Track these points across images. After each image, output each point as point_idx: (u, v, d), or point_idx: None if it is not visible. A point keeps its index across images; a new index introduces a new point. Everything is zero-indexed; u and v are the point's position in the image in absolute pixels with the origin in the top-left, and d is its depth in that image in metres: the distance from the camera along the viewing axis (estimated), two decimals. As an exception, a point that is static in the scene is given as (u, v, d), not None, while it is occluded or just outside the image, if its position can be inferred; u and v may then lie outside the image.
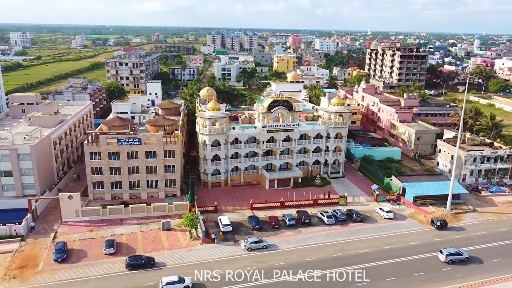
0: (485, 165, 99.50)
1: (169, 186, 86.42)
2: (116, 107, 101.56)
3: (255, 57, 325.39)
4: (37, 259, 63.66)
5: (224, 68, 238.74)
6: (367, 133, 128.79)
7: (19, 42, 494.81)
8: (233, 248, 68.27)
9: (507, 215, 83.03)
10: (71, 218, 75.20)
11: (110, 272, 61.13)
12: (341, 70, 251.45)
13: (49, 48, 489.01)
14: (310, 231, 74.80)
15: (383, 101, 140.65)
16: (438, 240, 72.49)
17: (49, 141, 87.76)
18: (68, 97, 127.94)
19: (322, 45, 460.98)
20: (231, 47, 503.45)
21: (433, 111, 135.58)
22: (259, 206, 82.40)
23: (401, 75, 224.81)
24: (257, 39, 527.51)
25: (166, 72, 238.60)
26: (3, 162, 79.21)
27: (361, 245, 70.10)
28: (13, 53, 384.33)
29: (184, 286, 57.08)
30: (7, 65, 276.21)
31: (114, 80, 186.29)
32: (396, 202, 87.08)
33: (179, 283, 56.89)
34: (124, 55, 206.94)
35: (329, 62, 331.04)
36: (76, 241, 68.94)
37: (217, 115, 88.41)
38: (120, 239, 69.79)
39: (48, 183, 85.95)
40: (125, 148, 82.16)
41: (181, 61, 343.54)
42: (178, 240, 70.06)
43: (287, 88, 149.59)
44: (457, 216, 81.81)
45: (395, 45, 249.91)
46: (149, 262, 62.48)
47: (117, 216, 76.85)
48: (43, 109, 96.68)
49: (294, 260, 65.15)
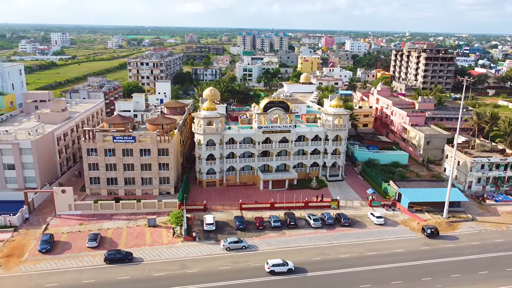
0: (494, 172, 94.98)
1: (163, 184, 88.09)
2: (120, 105, 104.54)
3: (281, 58, 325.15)
4: (24, 249, 66.72)
5: (246, 69, 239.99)
6: (376, 136, 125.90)
7: (59, 42, 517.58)
8: (213, 247, 68.78)
9: (508, 225, 79.00)
10: (65, 211, 78.18)
11: (89, 264, 63.14)
12: (365, 72, 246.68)
13: (86, 48, 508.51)
14: (294, 233, 74.18)
15: (396, 104, 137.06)
16: (425, 248, 70.06)
17: (53, 137, 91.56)
18: (83, 95, 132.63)
19: (352, 46, 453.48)
20: (261, 48, 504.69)
21: (448, 115, 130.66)
22: (249, 207, 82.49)
23: (426, 78, 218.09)
24: (288, 40, 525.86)
25: (189, 72, 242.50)
26: (6, 156, 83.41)
27: (343, 250, 68.81)
28: (51, 53, 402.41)
29: (288, 269, 61.11)
30: (42, 64, 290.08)
31: (135, 80, 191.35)
32: (391, 208, 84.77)
33: (283, 265, 60.85)
34: (146, 55, 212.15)
35: (357, 64, 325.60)
36: (64, 234, 71.64)
37: (212, 115, 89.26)
38: (106, 234, 71.91)
39: (50, 177, 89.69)
40: (120, 145, 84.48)
41: (208, 62, 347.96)
42: (160, 237, 71.38)
43: (299, 89, 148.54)
44: (453, 224, 78.66)
45: (422, 46, 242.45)
46: (126, 257, 64.02)
47: (108, 211, 79.19)
48: (51, 106, 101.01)
49: (271, 262, 64.81)
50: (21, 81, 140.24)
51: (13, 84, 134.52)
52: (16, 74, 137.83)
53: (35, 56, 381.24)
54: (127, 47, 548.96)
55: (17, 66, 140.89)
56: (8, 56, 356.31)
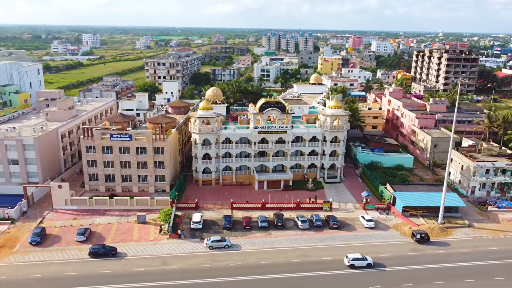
0: (499, 177, 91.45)
1: (159, 182, 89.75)
2: (123, 104, 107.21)
3: (302, 59, 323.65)
4: (16, 241, 69.68)
5: (263, 69, 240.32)
6: (383, 139, 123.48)
7: (90, 43, 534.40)
8: (196, 245, 69.62)
9: (507, 233, 75.92)
10: (61, 206, 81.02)
11: (74, 258, 65.28)
12: (385, 73, 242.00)
13: (115, 48, 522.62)
14: (281, 234, 74.01)
15: (406, 106, 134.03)
16: (412, 254, 68.36)
17: (57, 134, 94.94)
18: (96, 94, 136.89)
19: (379, 47, 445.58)
20: (285, 49, 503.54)
21: (460, 118, 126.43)
22: (240, 207, 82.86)
23: (447, 79, 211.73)
24: (313, 40, 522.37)
25: (207, 73, 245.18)
26: (11, 151, 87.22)
27: (326, 253, 68.11)
28: (80, 53, 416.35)
29: (367, 263, 63.06)
30: (69, 64, 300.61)
31: (152, 79, 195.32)
32: (385, 211, 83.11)
33: (363, 260, 63.10)
34: (163, 56, 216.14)
35: (380, 65, 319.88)
36: (57, 227, 74.30)
37: (207, 114, 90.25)
38: (96, 229, 74.06)
39: (54, 173, 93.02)
40: (117, 143, 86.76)
41: (230, 62, 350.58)
42: (148, 234, 72.86)
43: (309, 90, 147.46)
44: (447, 230, 76.33)
45: (444, 47, 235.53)
46: (110, 252, 65.76)
47: (102, 207, 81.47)
48: (58, 104, 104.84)
49: (250, 262, 65.08)
50: (39, 80, 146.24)
51: (31, 83, 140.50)
52: (34, 74, 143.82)
53: (65, 56, 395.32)
54: (155, 48, 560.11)
55: (36, 66, 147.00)
56: (40, 56, 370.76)
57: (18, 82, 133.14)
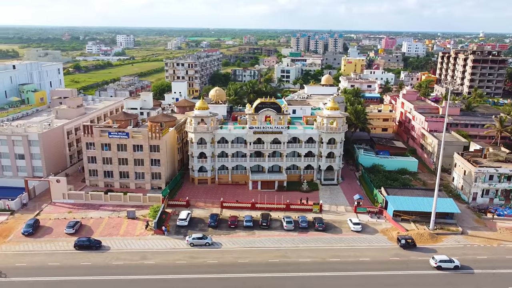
0: (503, 184, 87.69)
1: (155, 179, 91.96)
2: (127, 103, 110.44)
3: (327, 60, 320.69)
4: (11, 231, 73.48)
5: (284, 70, 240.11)
6: (390, 141, 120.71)
7: (123, 43, 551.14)
8: (179, 242, 70.99)
9: (501, 242, 72.75)
10: (59, 199, 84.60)
11: (60, 249, 68.15)
12: (408, 75, 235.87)
13: (148, 49, 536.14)
14: (264, 234, 74.22)
15: (417, 108, 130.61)
16: (394, 259, 66.84)
17: (62, 131, 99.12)
18: (111, 93, 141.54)
19: (409, 48, 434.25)
20: (314, 50, 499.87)
21: (474, 121, 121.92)
22: (230, 206, 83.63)
23: (473, 82, 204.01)
24: (343, 41, 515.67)
25: (228, 73, 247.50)
26: (18, 146, 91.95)
27: (306, 254, 67.75)
28: (112, 54, 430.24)
29: (454, 266, 63.96)
30: (98, 64, 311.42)
31: (171, 80, 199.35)
32: (376, 215, 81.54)
33: (450, 262, 64.16)
34: (182, 57, 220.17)
35: (408, 66, 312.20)
36: (51, 220, 77.71)
37: (203, 114, 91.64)
38: (87, 222, 76.92)
39: (58, 168, 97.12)
40: (115, 140, 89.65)
41: (256, 63, 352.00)
42: (134, 229, 74.95)
43: (319, 91, 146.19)
44: (437, 237, 74.04)
45: (472, 47, 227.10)
46: (94, 245, 68.19)
47: (97, 201, 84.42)
48: (67, 103, 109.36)
49: (227, 260, 65.72)
50: (59, 79, 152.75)
51: (51, 82, 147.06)
52: (55, 73, 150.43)
53: (98, 56, 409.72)
54: (186, 49, 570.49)
55: (56, 65, 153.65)
56: (74, 56, 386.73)
57: (38, 81, 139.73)
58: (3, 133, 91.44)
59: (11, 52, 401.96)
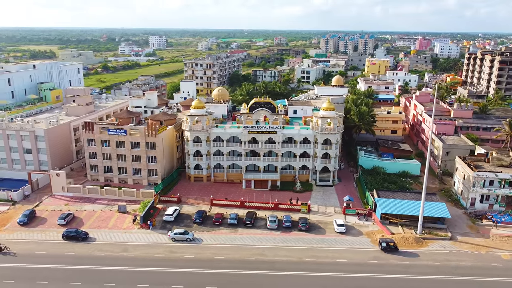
0: (504, 190, 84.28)
1: (152, 175, 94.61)
2: (132, 102, 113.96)
3: (352, 61, 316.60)
4: (9, 220, 77.92)
5: (304, 71, 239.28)
6: (397, 144, 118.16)
7: (156, 44, 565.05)
8: (161, 236, 72.94)
9: (490, 249, 70.08)
10: (59, 192, 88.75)
11: (49, 239, 71.65)
12: (433, 76, 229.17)
13: (178, 50, 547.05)
14: (247, 232, 74.96)
15: (428, 110, 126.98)
16: (372, 262, 65.89)
17: (69, 127, 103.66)
18: (125, 92, 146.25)
19: (442, 49, 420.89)
20: (344, 51, 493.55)
21: (486, 125, 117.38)
22: (219, 203, 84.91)
23: (500, 84, 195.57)
24: (375, 42, 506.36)
25: (249, 74, 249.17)
26: (25, 141, 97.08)
27: (283, 253, 67.97)
28: (143, 54, 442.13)
29: None
30: (126, 64, 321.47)
31: (190, 79, 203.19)
32: (365, 217, 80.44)
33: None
34: (201, 57, 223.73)
35: (436, 68, 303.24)
36: (48, 211, 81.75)
37: (198, 113, 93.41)
38: (80, 215, 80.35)
39: (64, 162, 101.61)
40: (114, 137, 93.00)
41: (281, 64, 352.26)
42: (122, 222, 77.62)
43: (329, 92, 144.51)
44: (423, 241, 72.24)
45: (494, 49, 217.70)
46: (81, 236, 71.23)
47: (94, 195, 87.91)
48: (77, 100, 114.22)
49: (204, 256, 66.98)
50: (79, 78, 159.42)
51: (70, 81, 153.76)
52: (74, 73, 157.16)
53: (129, 57, 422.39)
54: (216, 49, 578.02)
55: (76, 65, 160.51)
56: (106, 57, 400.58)
57: (58, 80, 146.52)
58: (12, 128, 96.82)
59: (49, 53, 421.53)
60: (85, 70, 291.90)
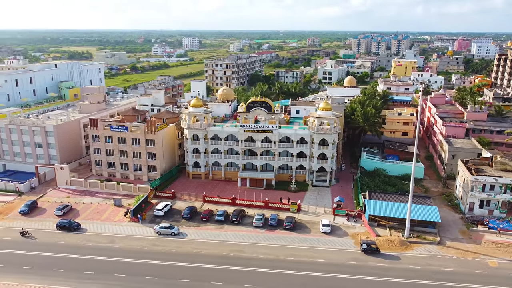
0: (504, 195, 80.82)
1: (152, 172, 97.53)
2: (140, 100, 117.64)
3: (380, 62, 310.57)
4: (12, 210, 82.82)
5: (326, 72, 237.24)
6: (404, 146, 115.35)
7: (189, 45, 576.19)
8: (148, 230, 75.28)
9: (479, 256, 67.57)
10: (63, 185, 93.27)
11: (44, 228, 75.65)
12: (460, 78, 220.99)
13: (210, 51, 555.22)
14: (232, 229, 75.99)
15: (440, 112, 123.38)
16: (350, 263, 65.23)
17: (79, 124, 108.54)
18: (141, 91, 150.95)
19: (479, 49, 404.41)
20: (376, 52, 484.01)
21: (500, 128, 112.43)
22: (211, 200, 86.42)
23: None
24: (408, 43, 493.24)
25: (271, 74, 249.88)
26: (37, 136, 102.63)
27: (262, 251, 68.54)
28: (175, 55, 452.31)
29: None
30: (155, 65, 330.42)
31: (211, 79, 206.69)
32: (354, 219, 79.51)
33: None
34: (221, 58, 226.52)
35: (468, 69, 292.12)
36: (49, 202, 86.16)
37: (196, 111, 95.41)
38: (77, 207, 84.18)
39: (73, 157, 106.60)
40: (116, 133, 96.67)
41: (308, 64, 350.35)
42: (115, 215, 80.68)
43: (341, 92, 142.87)
44: (408, 244, 70.67)
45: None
46: (72, 226, 74.77)
47: (95, 189, 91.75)
48: (90, 99, 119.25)
49: (184, 250, 68.66)
50: (100, 77, 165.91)
51: (91, 80, 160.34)
52: (96, 72, 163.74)
53: (161, 58, 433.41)
54: (247, 50, 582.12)
55: (97, 65, 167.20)
56: (138, 58, 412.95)
57: (78, 79, 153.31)
58: (25, 124, 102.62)
59: (86, 54, 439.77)
60: (114, 70, 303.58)
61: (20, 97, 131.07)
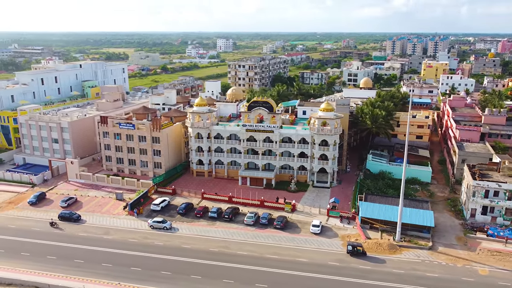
0: (508, 202, 77.43)
1: (157, 168, 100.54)
2: (152, 99, 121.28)
3: (411, 64, 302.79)
4: (23, 200, 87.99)
5: (351, 73, 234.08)
6: (415, 149, 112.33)
7: (222, 47, 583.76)
8: (143, 223, 77.87)
9: (470, 263, 65.28)
10: (73, 178, 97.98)
11: (48, 218, 79.76)
12: (492, 81, 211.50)
13: (243, 53, 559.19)
14: (223, 226, 77.28)
15: (456, 116, 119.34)
16: (333, 264, 64.90)
17: (93, 121, 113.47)
18: (161, 91, 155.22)
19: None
20: (411, 53, 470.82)
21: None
22: (209, 197, 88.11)
23: None
24: (446, 44, 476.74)
25: (296, 76, 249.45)
26: (53, 132, 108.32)
27: (247, 248, 69.39)
28: (207, 57, 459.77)
29: None
30: (184, 66, 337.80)
31: (233, 80, 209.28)
32: (347, 220, 78.72)
33: None
34: (244, 59, 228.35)
35: (506, 72, 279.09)
36: (57, 194, 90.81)
37: (200, 110, 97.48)
38: (82, 199, 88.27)
39: (87, 153, 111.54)
40: (124, 131, 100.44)
41: (338, 66, 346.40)
42: (115, 208, 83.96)
43: (357, 94, 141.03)
44: (398, 248, 69.28)
45: None
46: (73, 217, 78.60)
47: (102, 183, 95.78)
48: (106, 97, 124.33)
49: (172, 244, 70.66)
50: (123, 77, 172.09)
51: (115, 80, 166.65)
52: (119, 72, 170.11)
53: (194, 59, 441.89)
54: (280, 52, 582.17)
55: (120, 65, 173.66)
56: (171, 59, 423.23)
57: (102, 79, 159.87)
58: (43, 120, 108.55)
59: (122, 55, 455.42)
60: (145, 70, 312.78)
61: (45, 95, 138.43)
